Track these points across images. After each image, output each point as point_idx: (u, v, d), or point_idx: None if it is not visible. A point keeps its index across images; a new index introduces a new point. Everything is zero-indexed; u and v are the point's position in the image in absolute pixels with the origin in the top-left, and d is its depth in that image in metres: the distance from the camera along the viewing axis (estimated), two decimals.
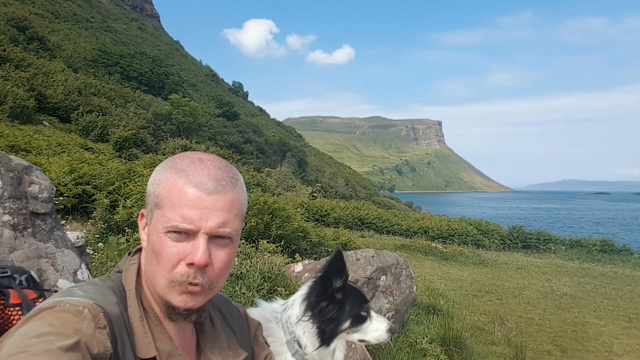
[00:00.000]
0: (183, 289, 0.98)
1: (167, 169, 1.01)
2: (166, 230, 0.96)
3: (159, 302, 1.03)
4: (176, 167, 1.00)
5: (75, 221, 7.27)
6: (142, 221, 1.06)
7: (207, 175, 0.99)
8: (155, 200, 0.99)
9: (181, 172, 0.99)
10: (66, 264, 2.27)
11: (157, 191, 0.99)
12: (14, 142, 16.00)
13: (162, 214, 0.97)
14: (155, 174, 1.02)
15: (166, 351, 1.00)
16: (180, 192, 0.97)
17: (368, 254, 5.45)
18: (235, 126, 68.05)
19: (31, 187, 2.25)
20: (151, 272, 1.01)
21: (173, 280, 0.97)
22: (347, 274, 1.61)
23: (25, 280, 1.30)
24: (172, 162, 1.02)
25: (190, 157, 1.03)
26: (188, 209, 0.96)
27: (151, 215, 1.01)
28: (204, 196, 0.97)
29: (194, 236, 0.97)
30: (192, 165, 1.00)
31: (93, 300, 0.91)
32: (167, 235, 0.97)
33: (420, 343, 5.47)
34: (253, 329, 1.32)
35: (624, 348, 7.28)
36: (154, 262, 0.99)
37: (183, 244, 0.97)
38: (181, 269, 0.97)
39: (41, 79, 34.35)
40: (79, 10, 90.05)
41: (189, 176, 0.98)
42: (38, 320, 0.84)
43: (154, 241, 0.99)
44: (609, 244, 23.32)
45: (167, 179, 0.99)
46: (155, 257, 0.99)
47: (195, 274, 0.98)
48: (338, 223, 23.44)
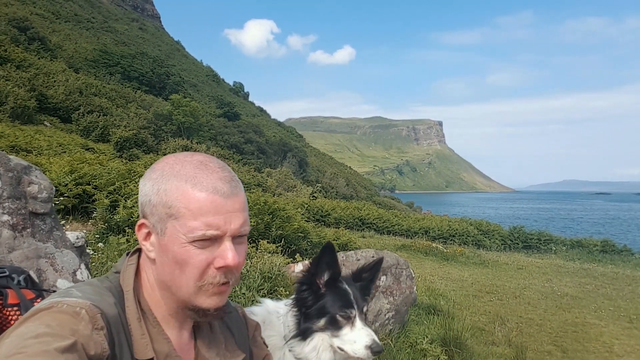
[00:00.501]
0: (215, 290, 1.00)
1: (170, 177, 0.98)
2: (191, 240, 0.96)
3: (184, 308, 1.03)
4: (181, 174, 0.98)
5: (75, 221, 7.27)
6: (141, 232, 1.03)
7: (219, 179, 0.99)
8: (166, 211, 0.97)
9: (191, 179, 0.97)
10: (65, 264, 2.27)
11: (168, 201, 0.97)
12: (15, 142, 16.01)
13: (182, 224, 0.96)
14: (156, 183, 0.99)
15: (164, 352, 1.00)
16: (198, 200, 0.96)
17: (368, 254, 5.45)
18: (236, 126, 68.07)
19: (30, 187, 2.25)
20: (173, 282, 1.00)
21: (204, 284, 0.99)
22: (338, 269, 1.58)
23: (24, 280, 1.30)
24: (172, 169, 1.00)
25: (189, 161, 1.01)
26: (212, 216, 0.96)
27: (162, 226, 0.98)
28: (223, 200, 0.98)
29: (219, 240, 0.98)
30: (199, 170, 0.99)
31: (90, 301, 0.91)
32: (193, 245, 0.96)
33: (421, 343, 5.47)
34: (251, 329, 1.32)
35: (624, 349, 7.26)
36: (177, 272, 0.98)
37: (209, 249, 0.98)
38: (212, 272, 0.99)
39: (42, 79, 34.40)
40: (80, 11, 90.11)
41: (201, 182, 0.97)
42: (35, 321, 0.83)
43: (176, 252, 0.97)
44: (609, 245, 23.29)
45: (177, 188, 0.97)
46: (179, 267, 0.98)
47: (225, 275, 1.00)
48: (339, 223, 23.44)
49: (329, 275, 1.57)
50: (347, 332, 1.53)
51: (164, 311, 1.05)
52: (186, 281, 0.98)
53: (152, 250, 1.02)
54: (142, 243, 1.03)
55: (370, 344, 1.51)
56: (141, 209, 1.02)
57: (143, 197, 1.01)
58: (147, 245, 1.02)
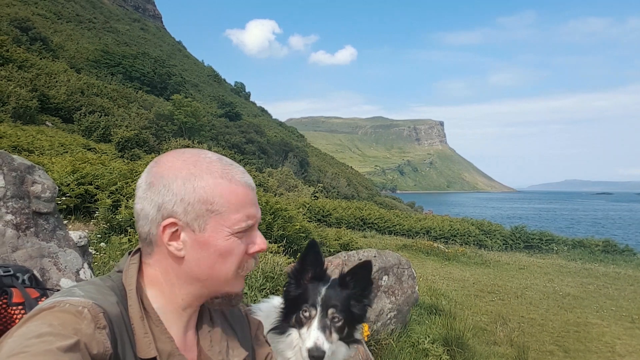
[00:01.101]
0: (244, 274, 1.11)
1: (203, 174, 1.01)
2: (235, 232, 1.04)
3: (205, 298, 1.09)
4: (213, 171, 1.03)
5: (77, 221, 7.28)
6: (167, 232, 1.01)
7: (243, 172, 1.09)
8: (207, 207, 1.00)
9: (224, 174, 1.04)
10: (69, 264, 2.27)
11: (209, 197, 1.00)
12: (16, 142, 16.03)
13: (225, 218, 1.02)
14: (189, 181, 1.00)
15: (166, 351, 1.00)
16: (238, 194, 1.04)
17: (370, 254, 5.45)
18: (238, 126, 68.14)
19: (34, 187, 2.25)
20: (211, 274, 1.05)
21: (241, 271, 1.08)
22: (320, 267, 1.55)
23: (28, 279, 1.30)
24: (198, 166, 1.02)
25: (210, 157, 1.06)
26: (249, 208, 1.06)
27: (201, 222, 1.01)
28: (252, 192, 1.09)
29: (252, 229, 1.09)
30: (225, 165, 1.06)
31: (93, 300, 0.91)
32: (235, 236, 1.04)
33: (423, 343, 5.47)
34: (254, 328, 1.32)
35: (626, 348, 7.25)
36: (219, 264, 1.04)
37: (244, 238, 1.07)
38: (246, 259, 1.09)
39: (44, 80, 34.44)
40: (81, 11, 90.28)
41: (234, 177, 1.05)
42: (38, 320, 0.83)
43: (220, 245, 1.03)
44: (611, 245, 23.26)
45: (216, 184, 1.02)
46: (222, 258, 1.04)
47: (255, 259, 1.12)
48: (340, 223, 23.44)
49: (312, 273, 1.55)
50: (304, 332, 1.50)
51: (177, 305, 1.06)
52: (226, 271, 1.05)
53: (181, 249, 1.02)
54: (168, 243, 1.01)
55: (311, 347, 1.45)
56: (166, 208, 1.00)
57: (170, 197, 0.99)
58: (175, 244, 1.01)
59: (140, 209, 1.02)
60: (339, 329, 1.52)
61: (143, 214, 1.02)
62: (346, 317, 1.54)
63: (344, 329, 1.54)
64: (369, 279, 1.60)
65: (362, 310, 1.59)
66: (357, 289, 1.58)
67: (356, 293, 1.58)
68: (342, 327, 1.53)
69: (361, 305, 1.59)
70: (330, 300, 1.53)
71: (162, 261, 1.05)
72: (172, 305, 1.06)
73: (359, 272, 1.58)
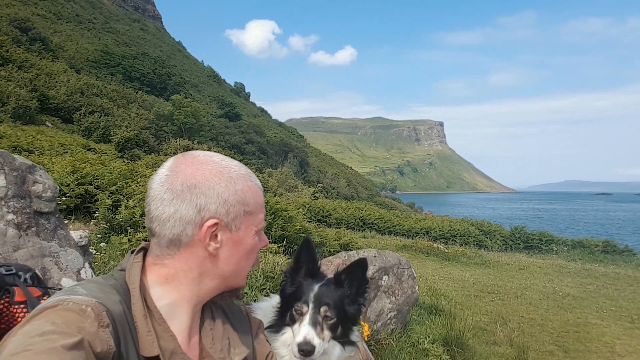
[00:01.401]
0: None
1: (239, 178, 1.10)
2: (258, 230, 1.15)
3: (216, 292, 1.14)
4: (242, 175, 1.11)
5: (77, 221, 7.28)
6: (209, 231, 1.04)
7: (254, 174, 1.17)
8: (244, 208, 1.09)
9: (248, 178, 1.12)
10: (70, 263, 2.27)
11: (245, 199, 1.09)
12: (16, 142, 16.02)
13: (254, 218, 1.12)
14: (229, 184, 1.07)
15: (169, 349, 1.01)
16: (260, 195, 1.15)
17: (370, 254, 5.45)
18: (237, 127, 68.15)
19: (35, 187, 2.25)
20: (236, 270, 1.13)
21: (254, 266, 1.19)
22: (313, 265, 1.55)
23: (30, 278, 1.31)
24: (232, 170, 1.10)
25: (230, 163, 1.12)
26: (264, 208, 1.17)
27: (238, 222, 1.09)
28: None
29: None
30: (245, 169, 1.14)
31: (96, 299, 0.92)
32: (257, 234, 1.15)
33: (423, 343, 5.47)
34: (255, 327, 1.32)
35: (626, 349, 7.26)
36: (244, 260, 1.14)
37: (259, 236, 1.17)
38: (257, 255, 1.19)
39: (44, 80, 34.43)
40: (81, 11, 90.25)
41: (255, 180, 1.15)
42: (41, 318, 0.84)
43: (249, 243, 1.12)
44: (611, 245, 23.26)
45: (249, 187, 1.11)
46: (247, 255, 1.13)
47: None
48: (340, 223, 23.44)
49: (306, 271, 1.55)
50: (296, 328, 1.48)
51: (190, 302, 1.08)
52: (247, 266, 1.15)
53: (218, 248, 1.07)
54: (208, 243, 1.05)
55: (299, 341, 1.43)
56: (209, 210, 1.04)
57: (214, 199, 1.04)
58: (214, 244, 1.06)
59: (173, 212, 1.02)
60: (332, 327, 1.50)
61: (177, 216, 1.02)
62: (339, 316, 1.51)
63: (337, 328, 1.51)
64: (365, 277, 1.58)
65: (357, 310, 1.57)
66: (352, 288, 1.56)
67: (351, 292, 1.56)
68: (335, 325, 1.51)
69: (356, 305, 1.56)
70: (323, 298, 1.51)
71: (190, 260, 1.06)
72: (185, 302, 1.07)
73: (354, 271, 1.56)
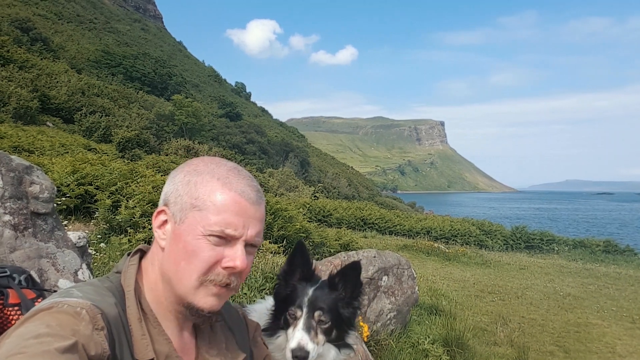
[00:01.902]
0: (215, 290, 1.01)
1: (203, 173, 1.02)
2: (208, 234, 0.98)
3: (177, 302, 1.03)
4: (215, 173, 1.02)
5: (77, 221, 7.29)
6: (158, 218, 1.04)
7: (249, 186, 1.03)
8: (192, 201, 1.00)
9: (223, 178, 1.01)
10: (67, 264, 2.27)
11: (196, 192, 1.00)
12: (17, 142, 16.04)
13: (203, 217, 0.98)
14: (187, 175, 1.03)
15: (164, 353, 1.00)
16: (225, 198, 0.99)
17: (370, 254, 5.44)
18: (238, 127, 68.18)
19: (32, 187, 2.25)
20: (176, 273, 1.01)
21: (206, 280, 1.00)
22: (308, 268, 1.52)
23: (25, 280, 1.30)
24: (205, 166, 1.04)
25: (224, 164, 1.06)
26: (234, 216, 0.99)
27: (183, 215, 1.00)
28: (249, 205, 1.01)
29: (233, 242, 1.01)
30: (231, 173, 1.03)
31: (91, 302, 0.91)
32: (207, 238, 0.98)
33: (423, 343, 5.47)
34: (252, 330, 1.31)
35: (627, 349, 7.25)
36: (183, 263, 0.99)
37: (221, 248, 1.00)
38: (217, 270, 1.00)
39: (44, 80, 34.48)
40: (82, 12, 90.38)
41: (232, 184, 1.01)
42: (36, 321, 0.83)
43: (188, 242, 0.99)
44: (612, 245, 23.23)
45: (209, 182, 1.01)
46: (186, 257, 0.99)
47: (229, 276, 1.01)
48: (340, 223, 23.43)
49: (300, 274, 1.52)
50: (290, 332, 1.46)
51: (165, 309, 1.05)
52: (189, 273, 0.99)
53: (164, 239, 1.03)
54: (156, 230, 1.05)
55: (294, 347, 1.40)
56: (164, 197, 1.05)
57: (170, 186, 1.04)
58: (160, 233, 1.04)
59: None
60: (326, 331, 1.48)
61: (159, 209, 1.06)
62: (334, 320, 1.50)
63: (332, 332, 1.50)
64: (359, 280, 1.55)
65: (352, 313, 1.55)
66: (346, 290, 1.54)
67: (345, 295, 1.54)
68: (330, 329, 1.49)
69: (350, 308, 1.55)
70: (317, 302, 1.49)
71: (154, 253, 1.07)
72: (160, 307, 1.05)
73: (348, 273, 1.54)
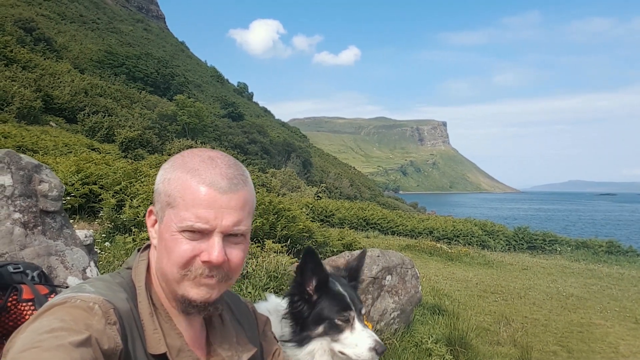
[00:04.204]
0: (200, 281, 1.00)
1: (177, 167, 1.01)
2: (180, 230, 0.98)
3: (173, 297, 1.04)
4: (187, 166, 1.00)
5: (82, 221, 7.31)
6: (150, 218, 1.07)
7: (220, 175, 0.99)
8: (166, 200, 1.00)
9: (193, 170, 0.99)
10: (75, 262, 2.29)
11: (169, 190, 0.99)
12: (21, 142, 16.08)
13: (175, 214, 0.98)
14: (165, 172, 1.02)
15: (176, 347, 1.01)
16: (193, 192, 0.97)
17: (374, 254, 5.46)
18: (240, 127, 68.21)
19: (41, 186, 2.27)
20: (162, 269, 1.02)
21: (187, 274, 0.99)
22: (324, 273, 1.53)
23: (37, 276, 1.32)
24: (182, 160, 1.02)
25: (200, 155, 1.03)
26: (203, 209, 0.97)
27: (162, 213, 1.01)
28: (218, 195, 0.98)
29: (209, 235, 0.99)
30: (203, 163, 1.00)
31: (103, 297, 0.93)
32: (182, 234, 0.98)
33: (426, 343, 5.47)
34: (262, 324, 1.33)
35: (630, 349, 7.23)
36: (165, 259, 1.01)
37: (197, 242, 0.99)
38: (197, 264, 0.99)
39: (48, 80, 34.52)
40: (85, 12, 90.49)
41: (201, 175, 0.99)
42: (49, 316, 0.85)
43: (167, 239, 1.00)
44: (615, 245, 23.13)
45: (179, 178, 0.99)
46: (167, 254, 1.00)
47: (210, 270, 1.00)
48: (343, 223, 23.40)
49: (317, 281, 1.52)
50: (348, 336, 1.49)
51: (171, 303, 1.07)
52: (170, 268, 1.00)
53: (155, 237, 1.05)
54: (149, 229, 1.07)
55: (374, 345, 1.47)
56: (153, 196, 1.06)
57: (155, 186, 1.05)
58: (152, 232, 1.06)
59: None
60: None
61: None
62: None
63: None
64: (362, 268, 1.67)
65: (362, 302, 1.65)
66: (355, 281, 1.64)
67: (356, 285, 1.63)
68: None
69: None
70: (356, 299, 1.54)
71: (152, 252, 1.09)
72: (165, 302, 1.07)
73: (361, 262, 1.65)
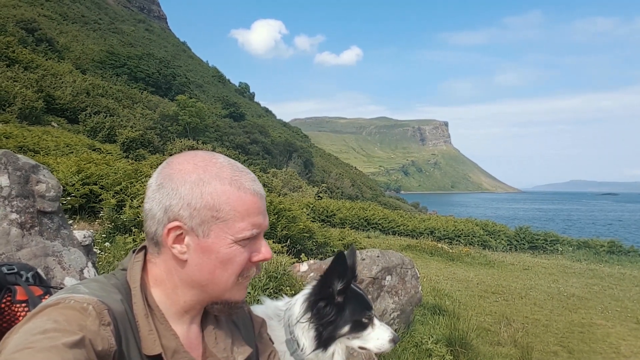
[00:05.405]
0: (246, 284, 1.12)
1: (212, 180, 1.00)
2: (238, 240, 1.03)
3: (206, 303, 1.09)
4: (222, 177, 1.02)
5: (82, 221, 7.31)
6: (172, 234, 1.01)
7: (253, 180, 1.07)
8: (213, 214, 0.99)
9: (233, 181, 1.03)
10: (73, 262, 2.28)
11: (216, 204, 0.99)
12: (22, 142, 16.09)
13: (230, 226, 1.01)
14: (197, 187, 0.99)
15: (171, 348, 1.01)
16: (244, 202, 1.03)
17: (373, 254, 5.45)
18: (242, 127, 68.24)
19: (38, 186, 2.27)
20: (212, 280, 1.05)
21: (243, 279, 1.08)
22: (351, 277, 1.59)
23: (32, 277, 1.31)
24: (208, 171, 1.01)
25: (221, 162, 1.05)
26: (256, 217, 1.05)
27: (206, 228, 1.00)
28: (261, 201, 1.07)
29: (257, 236, 1.08)
30: (235, 172, 1.05)
31: (97, 297, 0.92)
32: (238, 244, 1.03)
33: (426, 343, 5.46)
34: (257, 326, 1.32)
35: (631, 349, 7.22)
36: (219, 271, 1.03)
37: (248, 246, 1.06)
38: (249, 267, 1.08)
39: (49, 80, 34.56)
40: (87, 12, 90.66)
41: (243, 185, 1.04)
42: (43, 316, 0.84)
43: (223, 252, 1.02)
44: (616, 245, 23.07)
45: (223, 191, 1.01)
46: (222, 266, 1.03)
47: (258, 267, 1.12)
48: (344, 223, 23.40)
49: (343, 284, 1.57)
50: (370, 332, 1.63)
51: (179, 307, 1.06)
52: (227, 278, 1.04)
53: (185, 252, 1.02)
54: (172, 246, 1.01)
55: (393, 337, 1.65)
56: (169, 212, 1.00)
57: (177, 200, 0.99)
58: (179, 247, 1.02)
59: (148, 209, 1.03)
60: None
61: (151, 214, 1.02)
62: None
63: None
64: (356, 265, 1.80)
65: None
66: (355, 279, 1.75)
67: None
68: None
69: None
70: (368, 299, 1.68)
71: (167, 262, 1.05)
72: (175, 307, 1.06)
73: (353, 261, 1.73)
